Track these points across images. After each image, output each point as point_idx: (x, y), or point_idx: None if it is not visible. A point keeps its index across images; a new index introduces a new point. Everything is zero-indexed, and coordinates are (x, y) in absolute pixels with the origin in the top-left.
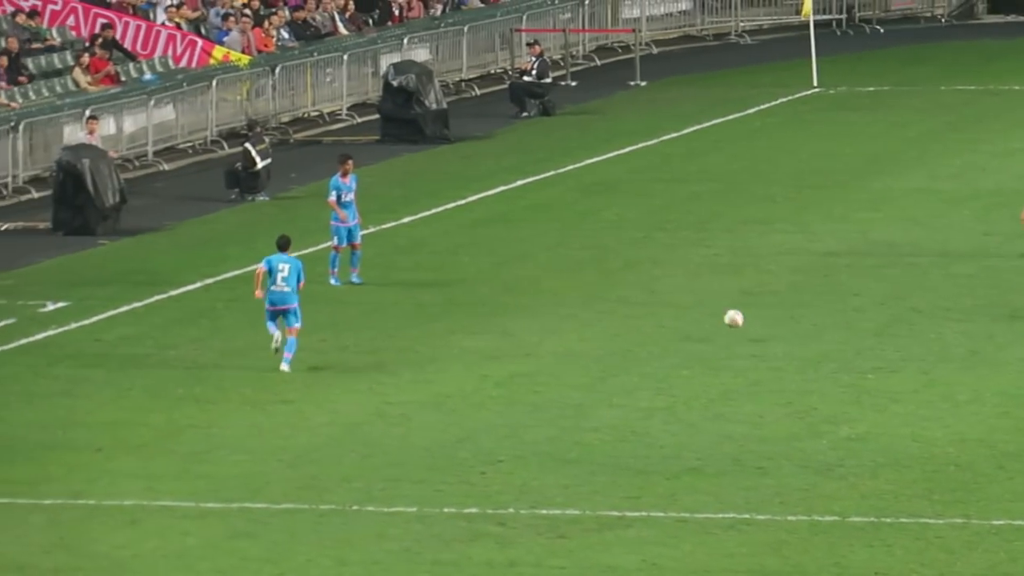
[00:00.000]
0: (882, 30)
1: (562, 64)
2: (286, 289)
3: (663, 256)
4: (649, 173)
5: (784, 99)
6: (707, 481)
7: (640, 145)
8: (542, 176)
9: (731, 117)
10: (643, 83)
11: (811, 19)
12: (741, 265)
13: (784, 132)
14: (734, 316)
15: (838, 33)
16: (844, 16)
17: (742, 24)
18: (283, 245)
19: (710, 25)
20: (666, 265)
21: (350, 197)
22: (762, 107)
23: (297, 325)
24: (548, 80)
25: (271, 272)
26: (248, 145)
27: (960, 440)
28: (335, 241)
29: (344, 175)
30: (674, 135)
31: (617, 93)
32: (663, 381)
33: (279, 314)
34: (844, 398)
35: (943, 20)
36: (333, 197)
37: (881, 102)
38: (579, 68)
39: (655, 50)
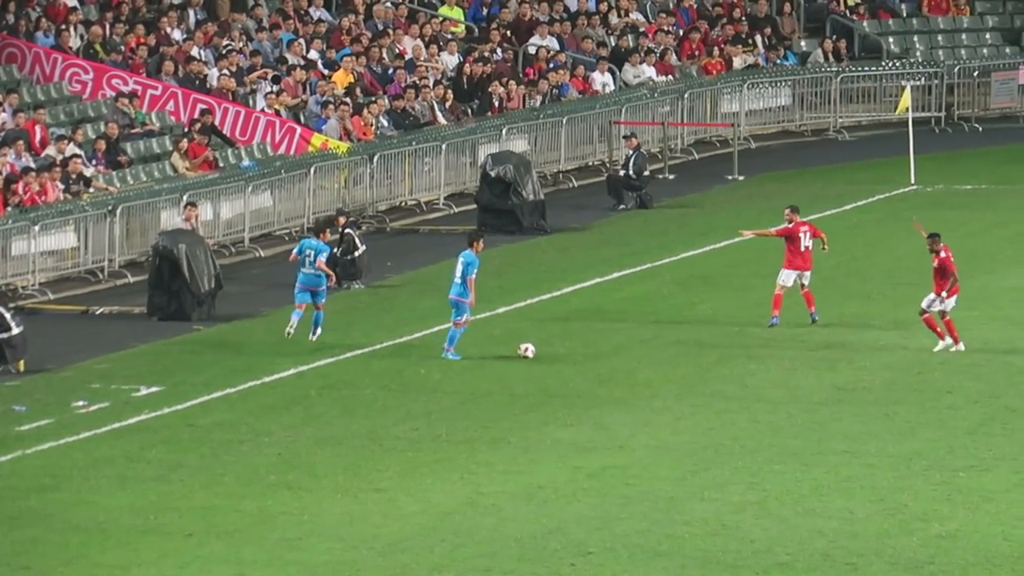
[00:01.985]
0: (980, 128)
1: (660, 157)
2: (314, 272)
3: (758, 351)
4: (746, 267)
5: (882, 196)
6: None
7: (737, 240)
8: (638, 269)
9: (828, 213)
10: (741, 177)
11: (909, 116)
12: (835, 360)
13: (881, 229)
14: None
15: (936, 131)
16: (943, 114)
17: (840, 120)
18: (315, 230)
19: (809, 120)
20: (760, 360)
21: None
22: (859, 203)
23: (323, 301)
24: (646, 173)
25: (301, 254)
26: (350, 231)
27: None
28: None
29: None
30: (771, 229)
31: (714, 187)
32: (755, 475)
33: (310, 293)
34: (936, 496)
35: None
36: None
37: (979, 200)
38: (677, 161)
39: (753, 144)
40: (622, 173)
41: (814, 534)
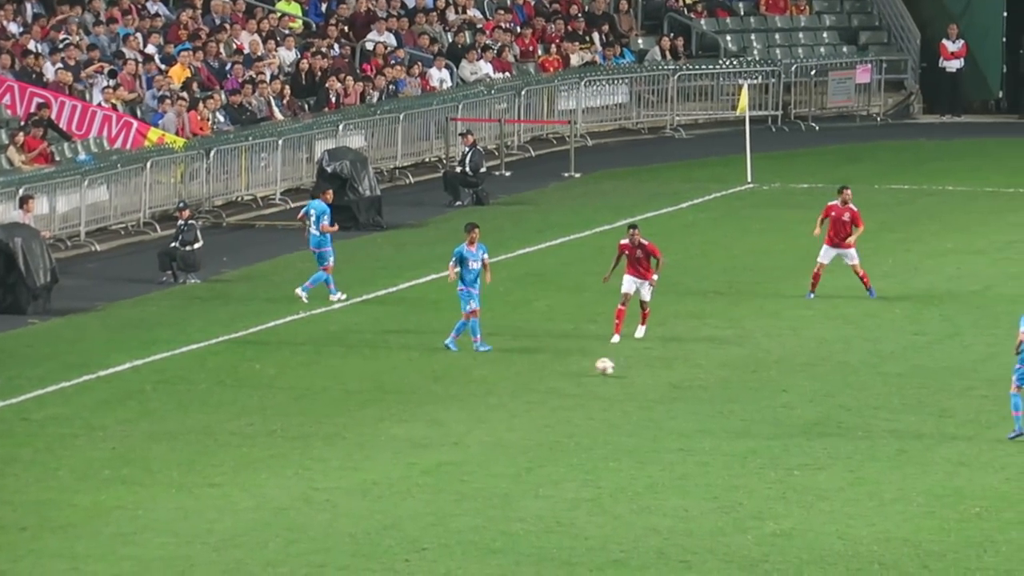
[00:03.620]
0: (817, 128)
1: (497, 154)
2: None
3: (593, 348)
4: (581, 265)
5: (718, 194)
6: (631, 574)
7: (572, 237)
8: None
9: (664, 211)
10: (577, 175)
11: (747, 115)
12: (671, 359)
13: (718, 227)
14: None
15: (773, 130)
16: (780, 113)
17: (677, 118)
18: (314, 191)
19: (646, 119)
20: (596, 357)
21: (476, 266)
22: (696, 202)
23: (329, 263)
24: (482, 170)
25: (307, 216)
26: (193, 223)
27: (885, 539)
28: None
29: (471, 243)
30: (607, 227)
31: (551, 184)
32: (590, 473)
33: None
34: (770, 494)
35: (879, 119)
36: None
37: (816, 200)
38: (514, 159)
39: (590, 142)
40: (458, 170)
41: (648, 532)
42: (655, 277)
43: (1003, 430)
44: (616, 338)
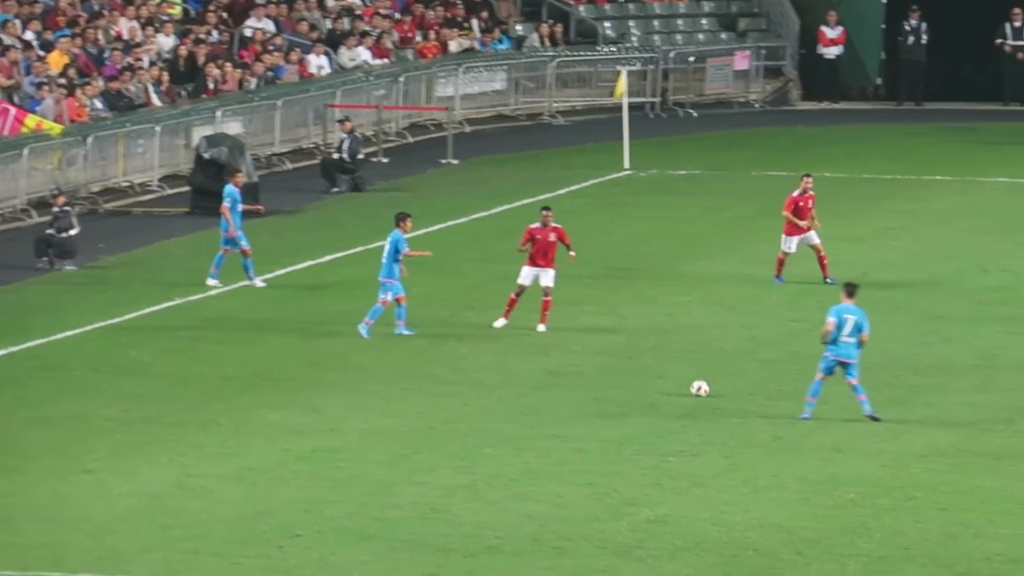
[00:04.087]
0: (696, 114)
1: (374, 140)
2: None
3: (470, 335)
4: (458, 252)
5: (596, 181)
6: (506, 560)
7: (450, 223)
8: (351, 252)
9: (542, 197)
10: (455, 161)
11: (625, 102)
12: (548, 345)
13: (595, 214)
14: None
15: (651, 116)
16: (658, 99)
17: (555, 105)
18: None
19: (523, 105)
20: (473, 344)
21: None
22: (573, 188)
23: (242, 247)
24: (360, 156)
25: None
26: (68, 209)
27: (760, 525)
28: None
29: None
30: (484, 214)
31: (429, 171)
32: (466, 459)
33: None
34: (645, 480)
35: (757, 106)
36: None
37: (693, 186)
38: (391, 145)
39: (468, 128)
40: (336, 156)
41: (523, 518)
42: (573, 253)
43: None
44: (501, 321)
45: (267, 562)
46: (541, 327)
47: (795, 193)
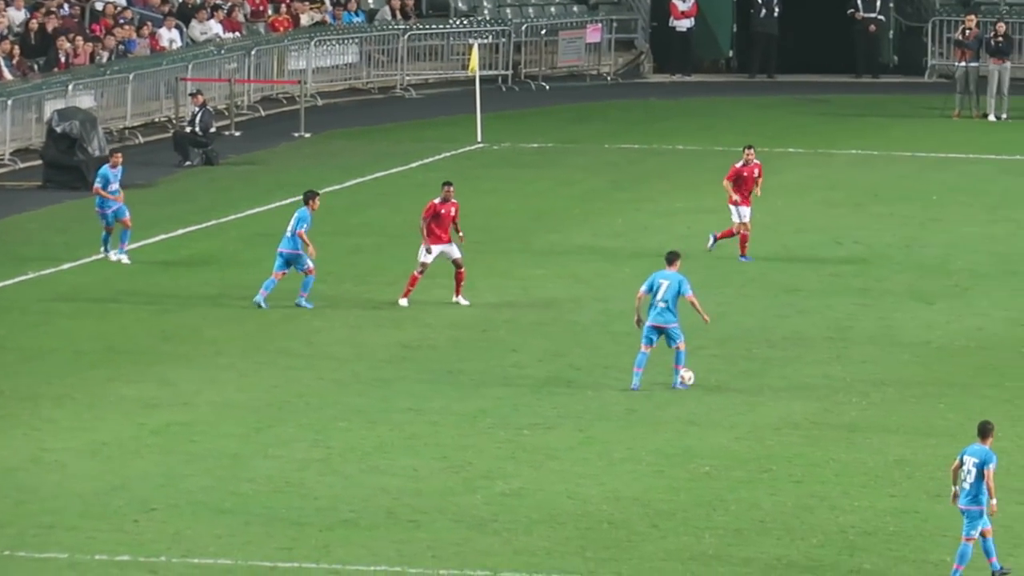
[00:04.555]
0: (548, 87)
1: (227, 114)
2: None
3: (324, 308)
4: (311, 225)
5: (448, 154)
6: (361, 533)
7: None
8: (204, 225)
9: (395, 171)
10: (307, 135)
11: (477, 75)
12: (401, 319)
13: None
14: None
15: (503, 89)
16: (510, 72)
17: (408, 78)
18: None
19: (376, 78)
20: (326, 317)
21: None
22: (426, 161)
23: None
24: (212, 130)
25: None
26: None
27: (615, 498)
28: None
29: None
30: (337, 187)
31: (281, 144)
32: (320, 433)
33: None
34: (500, 453)
35: (609, 78)
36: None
37: (546, 159)
38: (244, 118)
39: (320, 102)
40: (188, 130)
41: (378, 491)
42: (461, 234)
43: (732, 389)
44: (403, 302)
45: (122, 536)
46: (463, 300)
47: (737, 164)
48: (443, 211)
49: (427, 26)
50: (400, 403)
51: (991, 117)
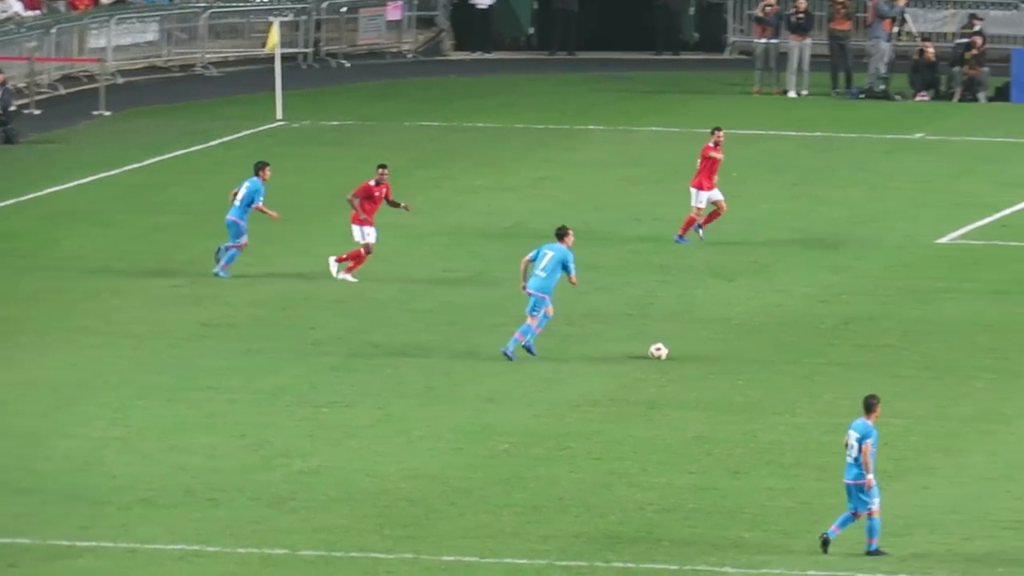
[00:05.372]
0: (348, 64)
1: (27, 92)
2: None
3: (123, 287)
4: (111, 204)
5: (249, 132)
6: (159, 512)
7: (103, 175)
8: (3, 204)
9: (195, 149)
10: (108, 113)
11: (277, 53)
12: (201, 297)
13: (248, 165)
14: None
15: (304, 67)
16: (310, 50)
17: (208, 56)
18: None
19: (176, 56)
20: (126, 296)
21: None
22: (226, 139)
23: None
24: (12, 108)
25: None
26: None
27: (414, 476)
28: None
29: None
30: (137, 166)
31: (81, 123)
32: (119, 411)
33: None
34: (299, 432)
35: (409, 56)
36: None
37: (346, 137)
38: (44, 97)
39: (121, 80)
40: None
41: (177, 470)
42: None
43: (532, 366)
44: (349, 276)
45: None
46: (351, 278)
47: (710, 143)
48: (376, 193)
49: (227, 4)
50: (199, 381)
51: (791, 93)
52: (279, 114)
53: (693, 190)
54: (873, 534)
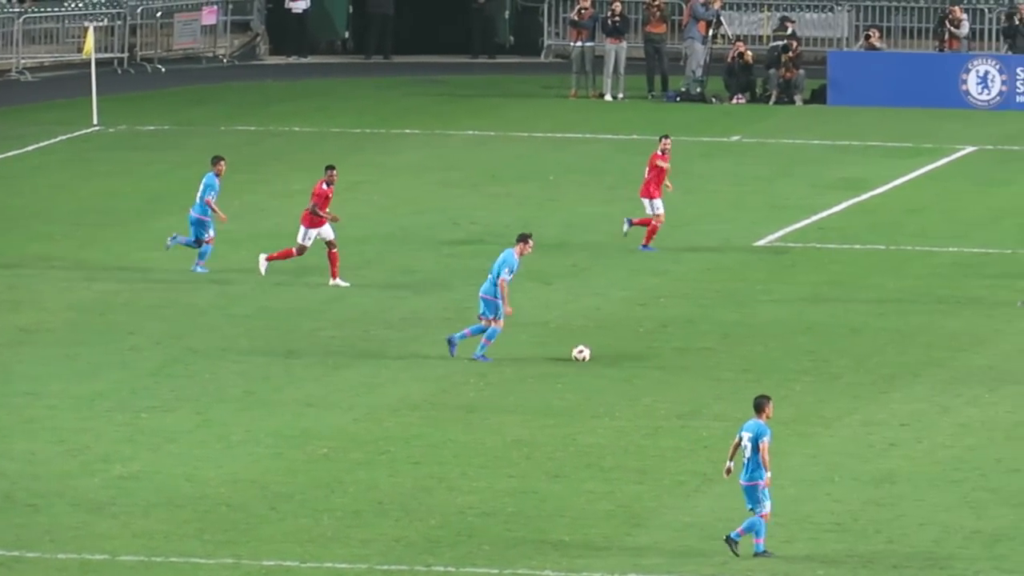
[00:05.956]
0: (164, 69)
1: None
2: None
3: None
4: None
5: (64, 137)
6: None
7: None
8: None
9: (11, 154)
10: None
11: (92, 57)
12: (19, 302)
13: (64, 170)
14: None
15: (119, 72)
16: (126, 55)
17: (23, 61)
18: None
19: None
20: None
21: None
22: (42, 144)
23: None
24: None
25: None
26: None
27: (233, 480)
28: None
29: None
30: None
31: None
32: None
33: None
34: (119, 437)
35: (225, 61)
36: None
37: (162, 142)
38: None
39: None
40: None
41: None
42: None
43: (351, 371)
44: (265, 266)
45: None
46: (341, 282)
47: (657, 151)
48: (330, 194)
49: (42, 9)
50: (17, 387)
51: (607, 97)
52: (95, 119)
53: (645, 200)
54: (758, 534)
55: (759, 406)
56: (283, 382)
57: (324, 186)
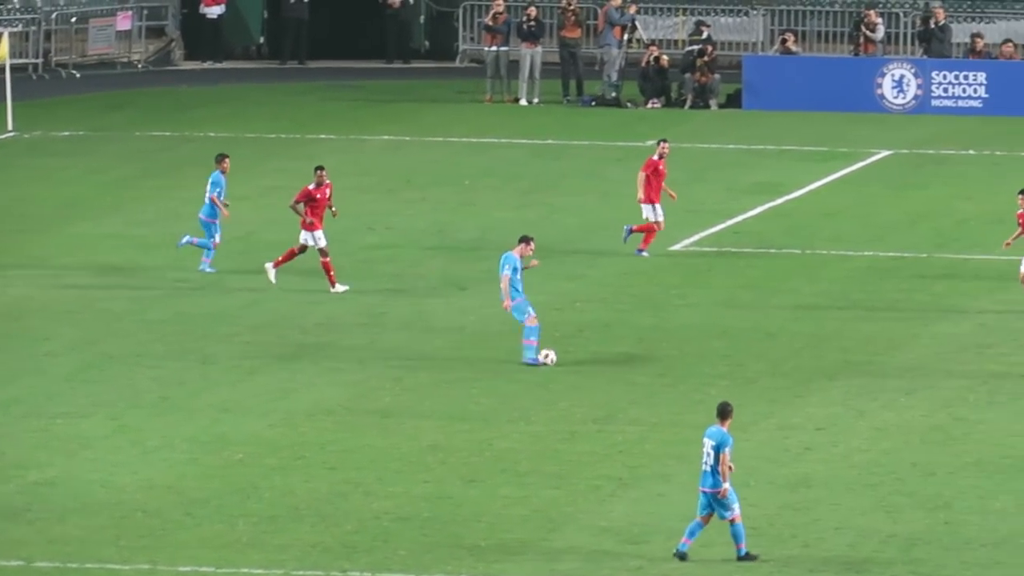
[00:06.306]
0: (78, 75)
1: None
2: None
3: None
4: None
5: None
6: None
7: None
8: None
9: None
10: None
11: (7, 63)
12: None
13: None
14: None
15: (34, 77)
16: (41, 60)
17: None
18: None
19: None
20: None
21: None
22: None
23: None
24: None
25: None
26: None
27: (149, 486)
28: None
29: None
30: None
31: None
32: None
33: None
34: (33, 442)
35: (140, 66)
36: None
37: (77, 147)
38: None
39: None
40: None
41: None
42: (335, 210)
43: (266, 376)
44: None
45: None
46: (342, 287)
47: (654, 156)
48: (318, 195)
49: None
50: None
51: (523, 101)
52: (10, 125)
53: (646, 206)
54: (739, 539)
55: (724, 413)
56: (198, 387)
57: (311, 187)
